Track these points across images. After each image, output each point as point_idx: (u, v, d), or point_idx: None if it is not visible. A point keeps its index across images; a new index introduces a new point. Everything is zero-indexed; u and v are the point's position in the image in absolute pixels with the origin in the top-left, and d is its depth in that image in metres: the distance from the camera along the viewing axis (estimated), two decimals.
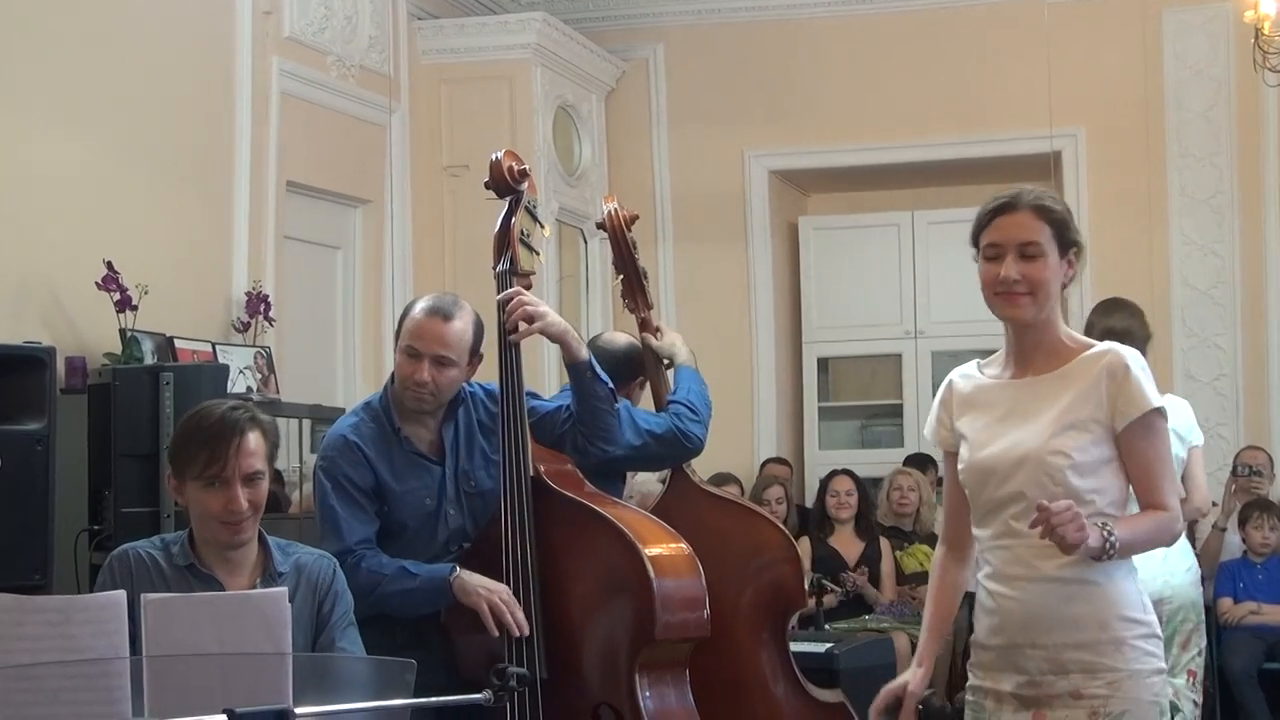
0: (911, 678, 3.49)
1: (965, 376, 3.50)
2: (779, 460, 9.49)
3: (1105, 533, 3.15)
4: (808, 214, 10.50)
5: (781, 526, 4.93)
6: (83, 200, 6.56)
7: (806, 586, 5.01)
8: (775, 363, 9.99)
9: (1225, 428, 9.13)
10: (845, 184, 10.37)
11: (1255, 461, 8.41)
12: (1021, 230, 3.32)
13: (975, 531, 3.45)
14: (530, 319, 4.19)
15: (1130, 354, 3.33)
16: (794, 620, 6.17)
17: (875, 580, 8.24)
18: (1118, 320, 5.57)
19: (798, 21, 9.83)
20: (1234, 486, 8.25)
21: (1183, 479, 5.38)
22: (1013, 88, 9.38)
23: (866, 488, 8.57)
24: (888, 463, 8.94)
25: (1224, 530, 8.27)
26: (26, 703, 2.68)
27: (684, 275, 9.91)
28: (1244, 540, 8.16)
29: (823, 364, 10.21)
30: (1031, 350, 3.38)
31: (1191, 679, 5.35)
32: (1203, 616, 5.42)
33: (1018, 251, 3.31)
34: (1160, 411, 3.31)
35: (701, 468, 4.98)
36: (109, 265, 6.36)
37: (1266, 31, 7.04)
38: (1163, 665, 3.38)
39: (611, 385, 4.34)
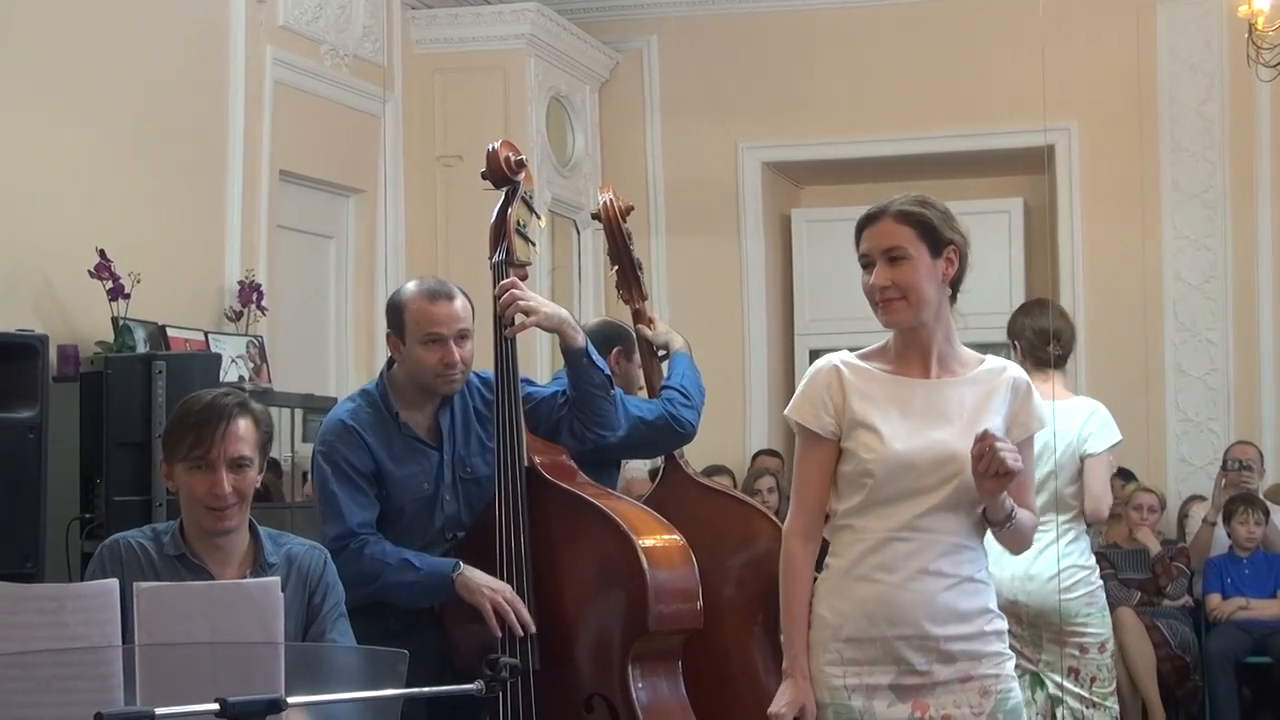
0: (801, 693, 3.42)
1: (853, 367, 3.46)
2: (770, 452, 9.49)
3: (1011, 502, 3.37)
4: (801, 206, 10.50)
5: (773, 518, 4.93)
6: (76, 188, 6.55)
7: None
8: (767, 354, 9.99)
9: (1215, 422, 9.14)
10: (838, 176, 10.37)
11: (1245, 456, 8.43)
12: (885, 237, 3.37)
13: (855, 521, 3.41)
14: (526, 313, 4.20)
15: (1024, 373, 3.54)
16: None
17: None
18: (1040, 321, 5.62)
19: (792, 14, 9.82)
20: (1224, 481, 8.27)
21: (1079, 484, 5.43)
22: (1006, 81, 9.38)
23: None
24: None
25: (1214, 525, 8.30)
26: (19, 690, 2.69)
27: (676, 267, 9.91)
28: (1230, 535, 8.18)
29: (815, 356, 10.12)
30: (927, 352, 3.43)
31: (1074, 676, 5.40)
32: (1081, 618, 5.43)
33: (885, 258, 3.36)
34: (1042, 429, 3.58)
35: (693, 459, 4.99)
36: (101, 253, 6.35)
37: (1260, 27, 7.03)
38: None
39: (608, 373, 4.36)
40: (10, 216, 6.23)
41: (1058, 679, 5.41)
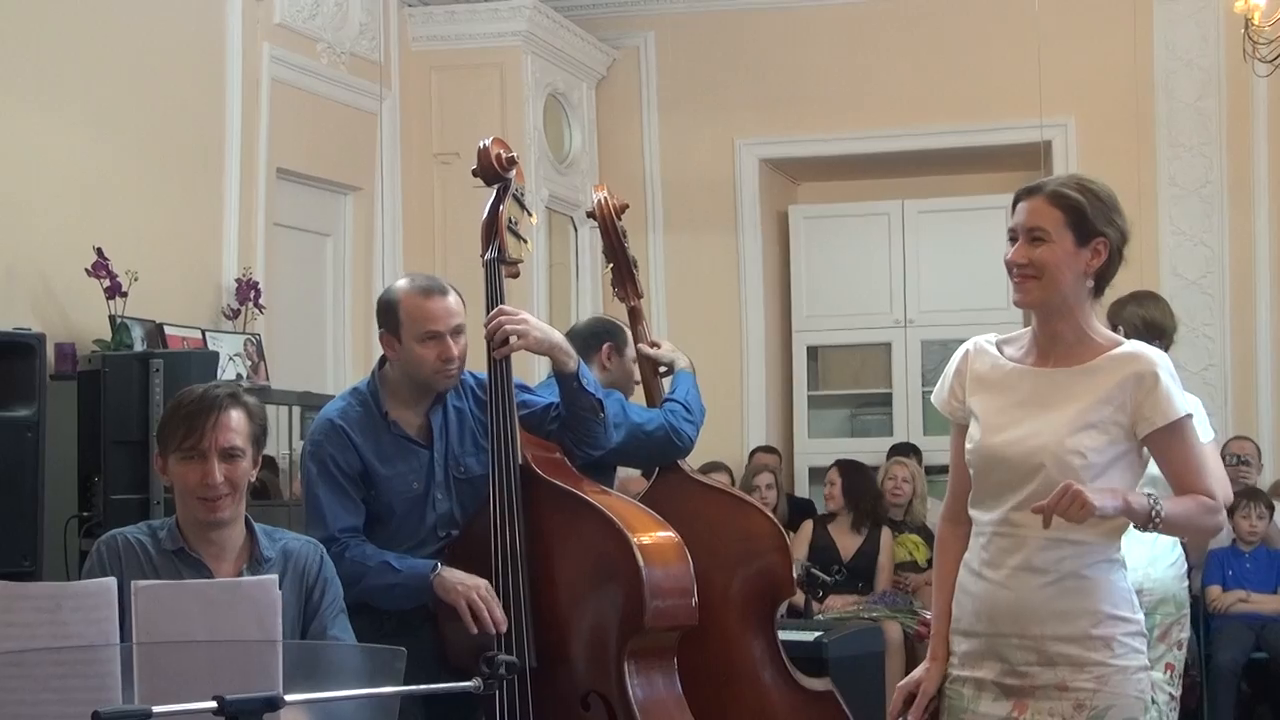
0: (924, 674, 3.44)
1: (983, 351, 3.44)
2: (767, 449, 9.48)
3: (1151, 500, 3.18)
4: (798, 202, 10.49)
5: (771, 515, 4.95)
6: (73, 187, 6.56)
7: (795, 576, 5.02)
8: (765, 351, 9.99)
9: (1213, 418, 9.00)
10: (835, 173, 10.38)
11: (1243, 451, 8.43)
12: (1032, 215, 3.33)
13: (972, 512, 3.41)
14: (516, 335, 4.21)
15: (1161, 360, 3.31)
16: (783, 609, 6.20)
17: (872, 571, 8.23)
18: (1152, 311, 5.52)
19: (789, 10, 9.82)
20: (1229, 477, 8.26)
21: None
22: (1003, 77, 9.39)
23: (864, 478, 8.52)
24: (877, 451, 8.94)
25: None
26: (17, 689, 2.69)
27: (674, 264, 9.91)
28: (1233, 529, 8.18)
29: (812, 352, 10.21)
30: (1053, 341, 3.36)
31: (1169, 672, 5.36)
32: (1185, 609, 5.42)
33: (1027, 236, 3.32)
34: (1189, 417, 3.30)
35: (691, 456, 4.99)
36: (99, 252, 6.35)
37: (1256, 22, 7.03)
38: (1147, 662, 3.40)
39: (601, 396, 4.37)
40: (7, 215, 6.23)
41: (1155, 676, 5.29)
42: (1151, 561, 5.17)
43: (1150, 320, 5.49)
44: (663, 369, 4.93)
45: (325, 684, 2.98)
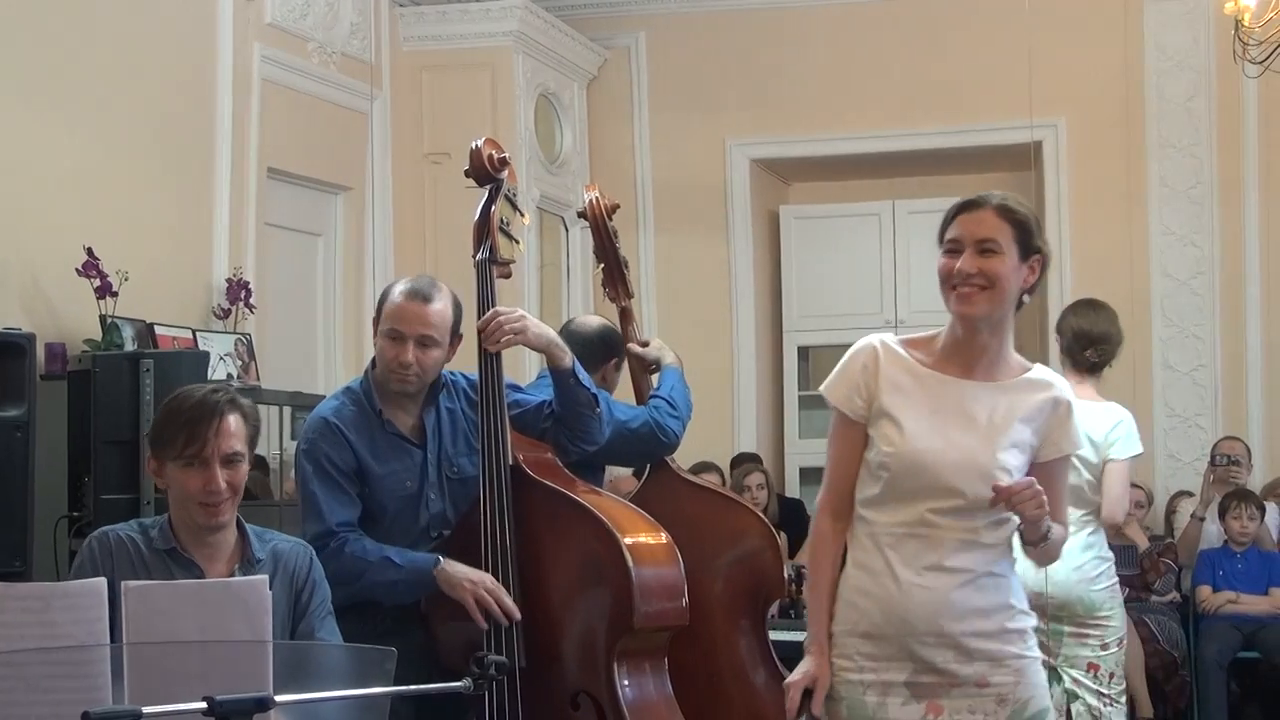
0: (817, 668, 3.39)
1: (893, 352, 3.43)
2: (751, 456, 9.35)
3: (1049, 522, 3.34)
4: (789, 203, 10.50)
5: (761, 515, 4.95)
6: (63, 186, 6.55)
7: (786, 575, 5.03)
8: (755, 351, 10.00)
9: (1203, 418, 9.16)
10: (826, 173, 10.39)
11: (1233, 452, 8.44)
12: (982, 227, 3.33)
13: (872, 513, 3.40)
14: (514, 333, 4.20)
15: (1071, 393, 3.48)
16: (774, 608, 6.20)
17: None
18: (1082, 321, 5.61)
19: (780, 10, 9.82)
20: (1212, 476, 8.28)
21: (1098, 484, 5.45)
22: (994, 78, 9.40)
23: None
24: None
25: (1203, 520, 8.30)
26: (6, 689, 2.69)
27: (665, 264, 9.91)
28: (1224, 530, 8.19)
29: (803, 352, 10.22)
30: (978, 354, 3.38)
31: (1093, 672, 5.42)
32: (1105, 612, 5.45)
33: (976, 247, 3.32)
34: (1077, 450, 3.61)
35: (682, 457, 5.00)
36: (89, 251, 6.35)
37: (1246, 23, 7.03)
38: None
39: (595, 391, 4.37)
40: None
41: (1076, 674, 5.38)
42: (1049, 569, 5.28)
43: (1078, 330, 5.57)
44: (651, 366, 4.94)
45: (315, 684, 2.98)
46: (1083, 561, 5.42)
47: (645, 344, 4.97)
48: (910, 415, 3.36)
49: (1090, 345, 5.54)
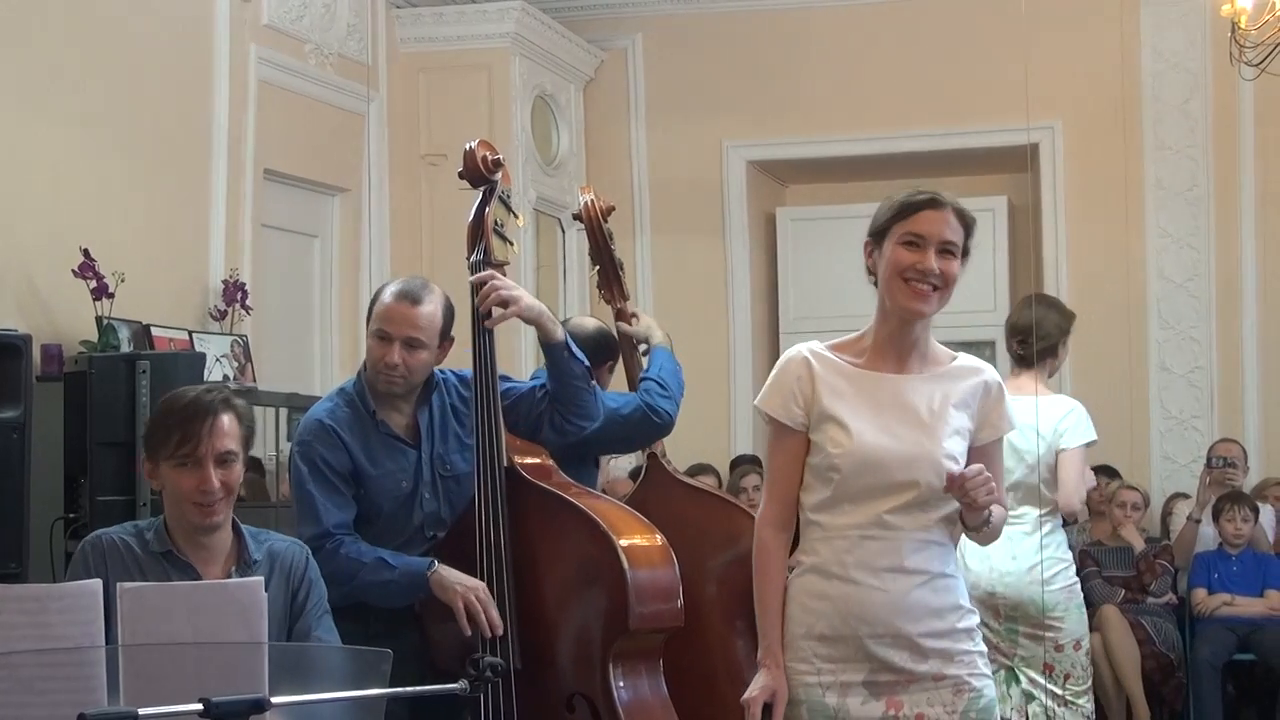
0: (774, 681, 3.42)
1: (823, 358, 3.48)
2: (750, 459, 9.41)
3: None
4: (785, 205, 10.50)
5: (756, 516, 4.94)
6: (59, 188, 6.55)
7: None
8: (752, 353, 10.00)
9: (1199, 420, 9.16)
10: (823, 175, 10.39)
11: (1229, 454, 8.45)
12: (946, 228, 3.40)
13: (822, 516, 3.42)
14: (505, 303, 4.21)
15: (998, 376, 3.56)
16: None
17: None
18: (1019, 316, 5.78)
19: (777, 12, 9.83)
20: (1208, 479, 8.29)
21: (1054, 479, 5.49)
22: (990, 80, 9.40)
23: None
24: None
25: (1198, 522, 8.31)
26: (2, 691, 2.69)
27: (661, 266, 9.91)
28: (1219, 532, 8.20)
29: None
30: (910, 347, 3.45)
31: (1049, 672, 5.45)
32: (1057, 611, 5.48)
33: (938, 247, 3.38)
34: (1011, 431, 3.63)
35: (678, 458, 5.00)
36: (85, 253, 6.35)
37: (1243, 25, 7.04)
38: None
39: (587, 363, 4.37)
40: None
41: (1032, 674, 5.43)
42: (1003, 567, 5.32)
43: (1008, 325, 5.76)
44: (641, 345, 4.93)
45: (311, 686, 2.98)
46: (1036, 562, 5.45)
47: (634, 317, 4.96)
48: (853, 415, 3.40)
49: (1013, 337, 5.64)
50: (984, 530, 3.44)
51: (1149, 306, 9.22)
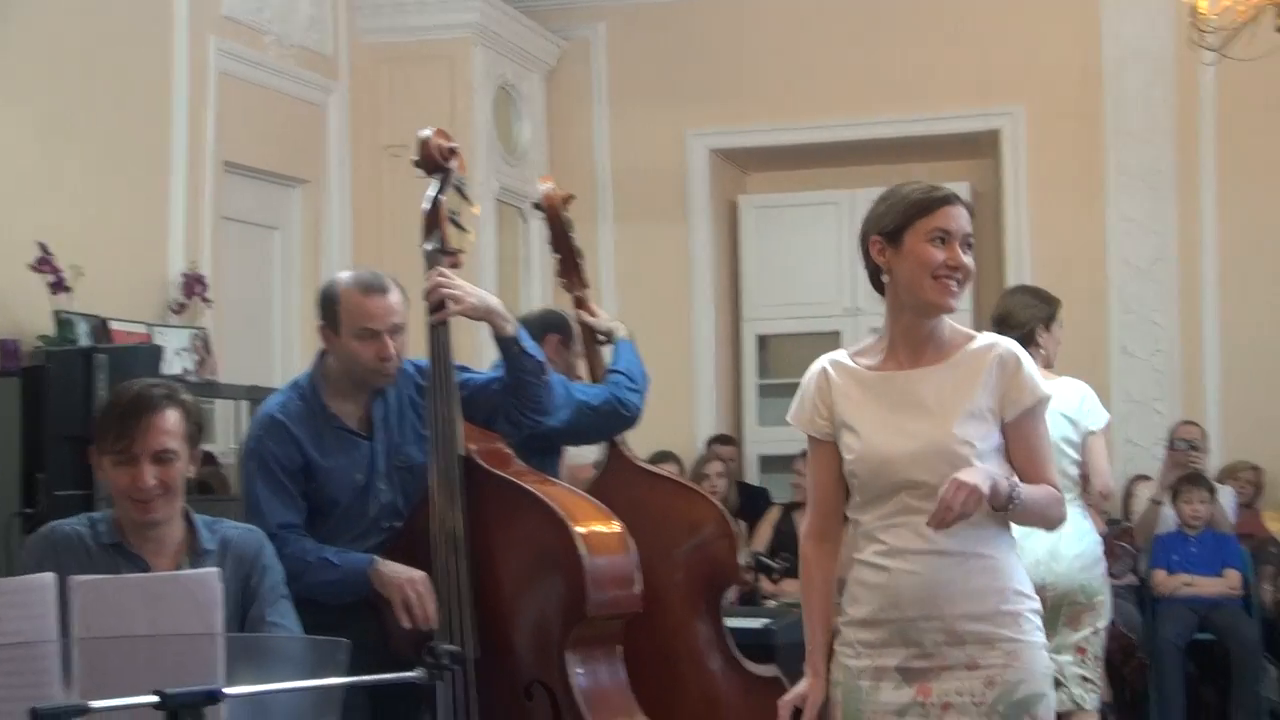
0: (808, 688, 3.47)
1: (841, 366, 3.51)
2: (724, 439, 9.49)
3: (1010, 482, 3.29)
4: (747, 192, 10.52)
5: (716, 502, 4.98)
6: (16, 181, 6.52)
7: (743, 563, 5.06)
8: (715, 340, 10.01)
9: (1161, 403, 9.20)
10: (785, 163, 10.39)
11: (1190, 436, 8.49)
12: (965, 223, 3.41)
13: (858, 515, 3.46)
14: (452, 301, 4.21)
15: (1017, 347, 3.47)
16: (732, 595, 6.22)
17: None
18: (1000, 307, 5.74)
19: (739, 1, 9.83)
20: (1170, 461, 8.32)
21: (1080, 465, 5.47)
22: (952, 66, 9.43)
23: None
24: None
25: (1160, 504, 8.34)
26: None
27: (624, 254, 9.91)
28: (1178, 514, 8.25)
29: (762, 341, 10.23)
30: (925, 339, 3.44)
31: (1080, 655, 5.45)
32: (1099, 597, 5.50)
33: (963, 243, 3.39)
34: (1045, 400, 3.45)
35: (641, 446, 5.03)
36: (43, 247, 6.32)
37: (1203, 10, 7.06)
38: (1045, 639, 3.48)
39: (542, 358, 4.37)
40: None
41: (1064, 660, 5.36)
42: (1053, 555, 5.27)
43: (997, 316, 5.65)
44: (602, 338, 4.96)
45: (268, 675, 2.97)
46: (1084, 549, 5.45)
47: (595, 314, 5.00)
48: (864, 419, 3.42)
49: (1010, 329, 5.57)
50: (1016, 510, 3.33)
51: (1111, 291, 9.25)
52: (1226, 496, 8.52)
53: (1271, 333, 9.13)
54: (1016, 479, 3.34)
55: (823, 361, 3.55)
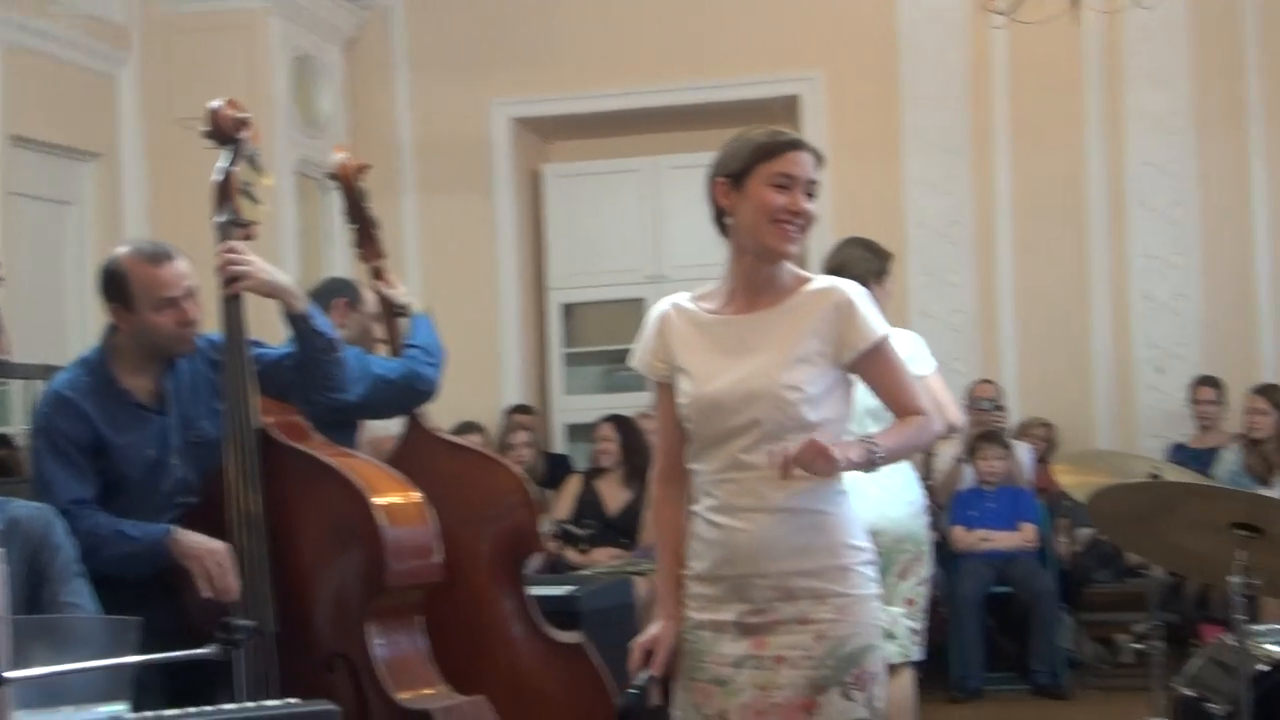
0: (661, 630, 3.50)
1: (682, 309, 3.53)
2: (523, 409, 9.50)
3: (869, 446, 3.32)
4: (551, 161, 10.52)
5: (516, 471, 4.99)
6: None
7: (547, 531, 5.08)
8: (520, 310, 10.01)
9: (959, 362, 9.37)
10: (588, 131, 10.40)
11: (986, 394, 8.69)
12: (809, 169, 3.43)
13: (695, 465, 3.49)
14: (241, 277, 4.17)
15: (853, 288, 3.47)
16: (537, 563, 6.24)
17: (638, 526, 8.22)
18: (832, 260, 5.76)
19: None
20: (974, 420, 8.50)
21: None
22: (752, 33, 9.52)
23: (638, 434, 8.58)
24: (633, 407, 9.00)
25: (962, 461, 8.53)
26: None
27: (428, 225, 9.87)
28: (975, 471, 8.45)
29: (568, 310, 10.24)
30: (764, 284, 3.46)
31: (909, 606, 5.54)
32: (925, 547, 5.61)
33: (804, 189, 3.41)
34: (885, 338, 3.47)
35: (446, 417, 5.02)
36: None
37: None
38: (880, 590, 3.53)
39: (334, 335, 4.35)
40: None
41: (895, 611, 5.42)
42: (887, 501, 5.32)
43: (831, 267, 5.65)
44: (400, 310, 4.94)
45: (59, 656, 2.94)
46: (914, 497, 5.54)
47: (392, 286, 4.97)
48: (697, 362, 3.45)
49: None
50: (886, 463, 3.36)
51: (909, 252, 9.37)
52: (1023, 452, 8.74)
53: (1063, 292, 9.38)
54: (877, 440, 3.36)
55: (665, 304, 3.56)
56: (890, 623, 5.40)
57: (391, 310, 4.95)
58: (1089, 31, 9.14)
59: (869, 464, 3.32)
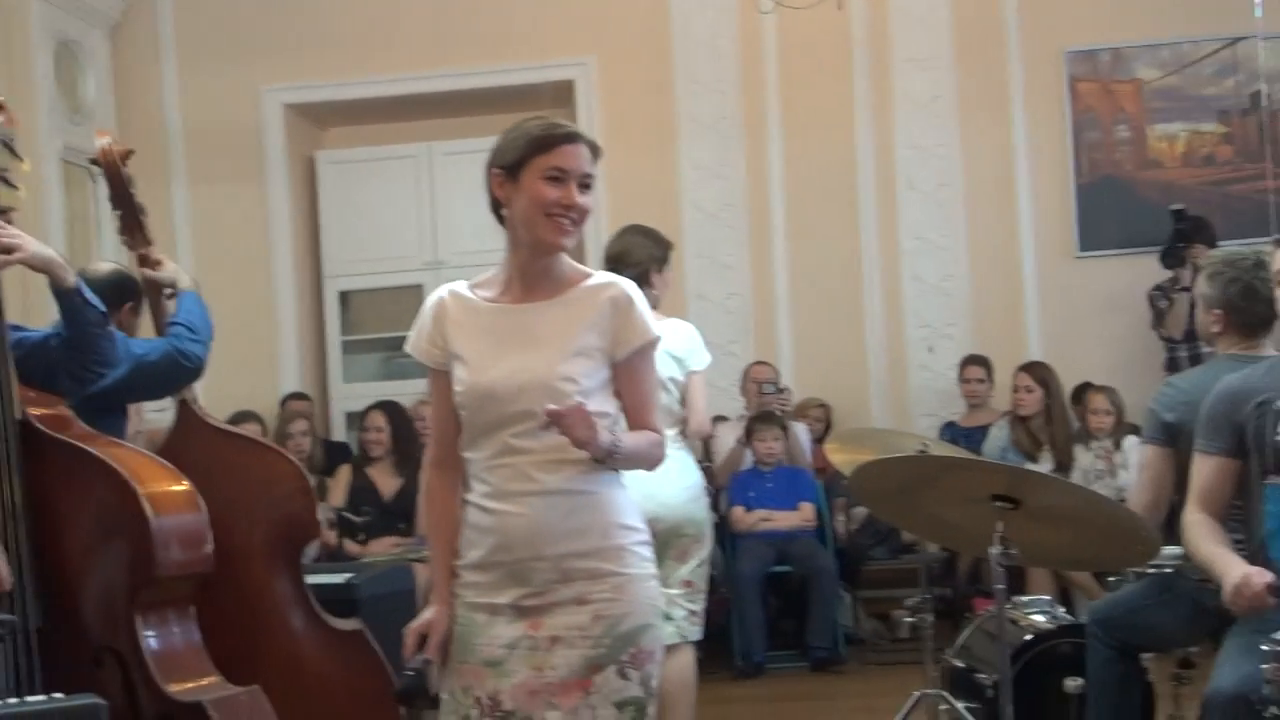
0: (435, 615, 3.50)
1: (459, 296, 3.52)
2: (299, 395, 9.41)
3: (615, 441, 3.35)
4: (325, 148, 10.40)
5: (292, 459, 4.95)
6: None
7: (321, 518, 5.04)
8: (297, 298, 9.88)
9: (736, 344, 9.49)
10: (362, 117, 10.31)
11: (762, 376, 8.78)
12: (585, 163, 3.42)
13: (468, 454, 3.49)
14: (8, 250, 4.05)
15: (631, 287, 3.48)
16: (315, 551, 6.19)
17: (413, 511, 8.20)
18: (611, 247, 5.77)
19: None
20: (756, 402, 8.60)
21: (682, 403, 5.60)
22: (525, 17, 9.53)
23: (408, 421, 8.57)
24: (413, 394, 8.95)
25: (742, 444, 8.62)
26: None
27: (200, 213, 9.70)
28: (753, 452, 8.54)
29: (344, 297, 10.14)
30: (540, 275, 3.46)
31: (688, 589, 5.60)
32: (704, 529, 5.66)
33: (579, 182, 3.41)
34: (655, 341, 3.50)
35: (223, 406, 4.96)
36: None
37: None
38: (656, 570, 3.55)
39: (104, 309, 4.25)
40: None
41: (672, 593, 5.43)
42: (663, 487, 5.34)
43: (612, 255, 5.69)
44: (167, 291, 4.85)
45: None
46: (691, 481, 5.57)
47: (158, 263, 4.86)
48: (473, 350, 3.44)
49: (624, 267, 5.65)
50: (618, 462, 3.41)
51: (684, 236, 9.43)
52: (802, 433, 8.86)
53: (837, 274, 9.53)
54: (620, 432, 3.41)
55: (442, 291, 3.55)
56: (667, 604, 5.45)
57: (160, 292, 4.85)
58: (855, 17, 9.33)
59: (607, 456, 3.35)
